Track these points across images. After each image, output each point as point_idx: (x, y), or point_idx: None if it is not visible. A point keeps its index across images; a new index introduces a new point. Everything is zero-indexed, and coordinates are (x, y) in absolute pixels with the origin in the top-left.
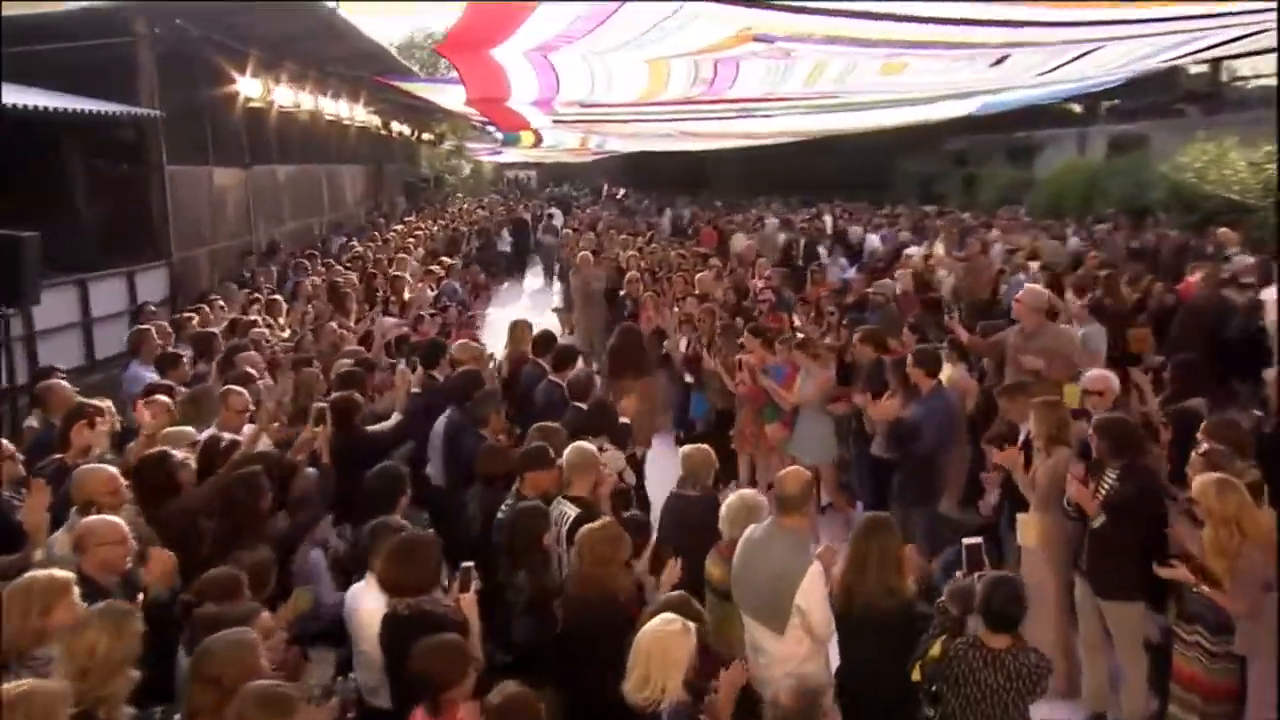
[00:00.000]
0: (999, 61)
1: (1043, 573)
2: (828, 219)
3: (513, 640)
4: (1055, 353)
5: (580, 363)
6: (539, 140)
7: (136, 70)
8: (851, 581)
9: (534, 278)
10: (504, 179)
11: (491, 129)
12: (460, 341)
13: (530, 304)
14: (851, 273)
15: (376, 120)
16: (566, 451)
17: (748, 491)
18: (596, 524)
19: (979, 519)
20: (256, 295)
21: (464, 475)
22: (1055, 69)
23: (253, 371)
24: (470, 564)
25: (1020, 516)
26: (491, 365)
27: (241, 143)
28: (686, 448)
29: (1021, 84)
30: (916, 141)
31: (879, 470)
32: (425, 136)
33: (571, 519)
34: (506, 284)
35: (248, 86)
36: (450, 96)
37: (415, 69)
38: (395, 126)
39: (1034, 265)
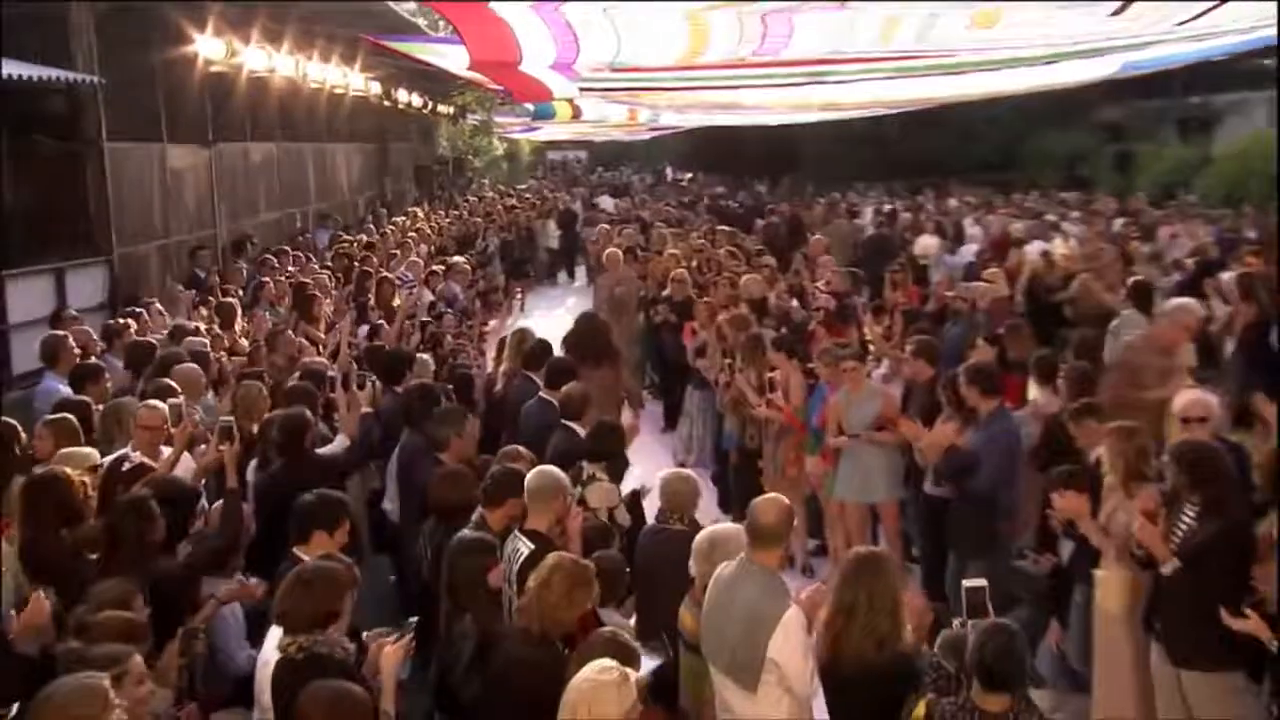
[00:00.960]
0: (1120, 9)
1: (1117, 633)
2: (930, 208)
3: (457, 700)
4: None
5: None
6: (578, 113)
7: (69, 28)
8: (839, 630)
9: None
10: (546, 162)
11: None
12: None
13: (571, 311)
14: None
15: (377, 88)
16: (529, 476)
17: (722, 525)
18: (555, 557)
19: (1050, 572)
20: (207, 298)
21: (421, 509)
22: (1199, 16)
23: (174, 385)
24: (414, 619)
25: (1098, 574)
26: (479, 380)
27: (204, 115)
28: (667, 473)
29: (1154, 37)
30: (1057, 111)
31: (936, 513)
32: (443, 109)
33: (524, 557)
34: (553, 287)
35: (208, 47)
36: (453, 60)
37: (421, 24)
38: (402, 97)
39: (1189, 263)
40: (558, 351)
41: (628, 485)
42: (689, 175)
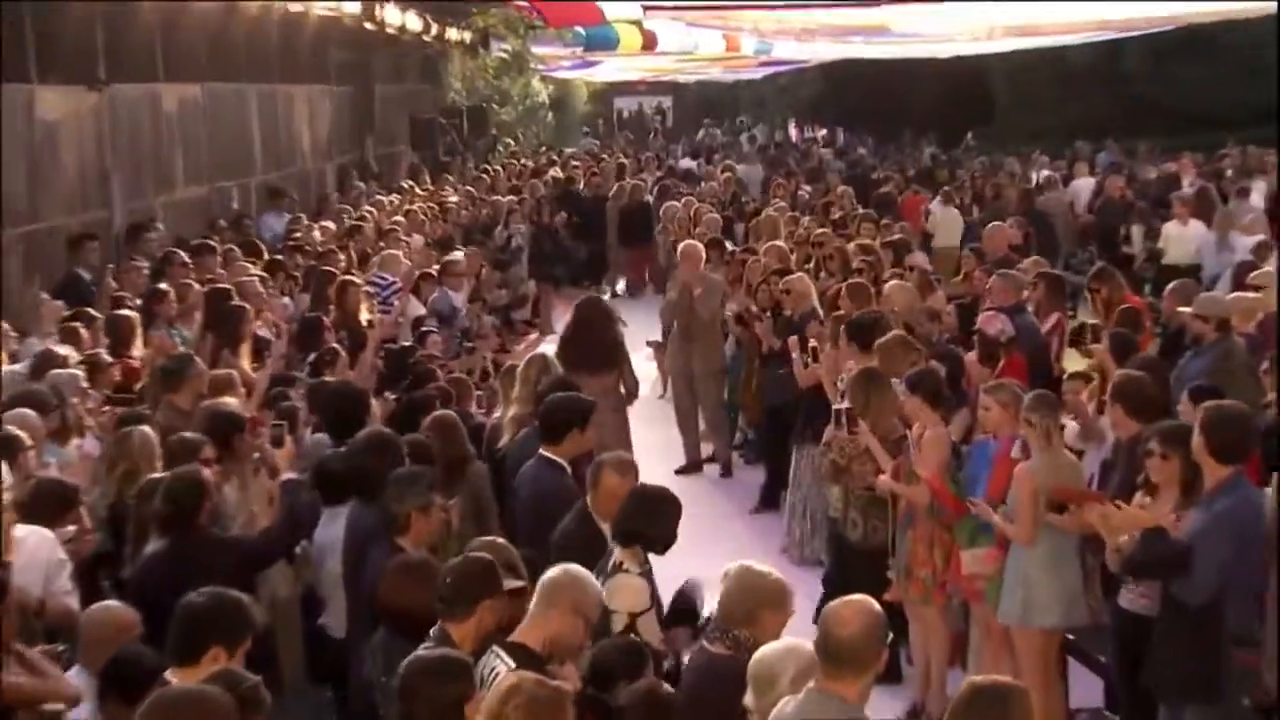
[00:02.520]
0: None
1: None
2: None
3: None
4: None
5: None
6: (651, 42)
7: None
8: None
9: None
10: (612, 113)
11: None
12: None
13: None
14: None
15: (355, 7)
16: (552, 573)
17: (785, 643)
18: (514, 678)
19: None
20: (80, 311)
21: (372, 617)
22: None
23: (21, 437)
24: None
25: None
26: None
27: (92, 45)
28: (731, 567)
29: None
30: None
31: (1133, 637)
32: (454, 36)
33: (502, 682)
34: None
35: None
36: None
37: None
38: (393, 18)
39: None
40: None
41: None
42: (823, 132)
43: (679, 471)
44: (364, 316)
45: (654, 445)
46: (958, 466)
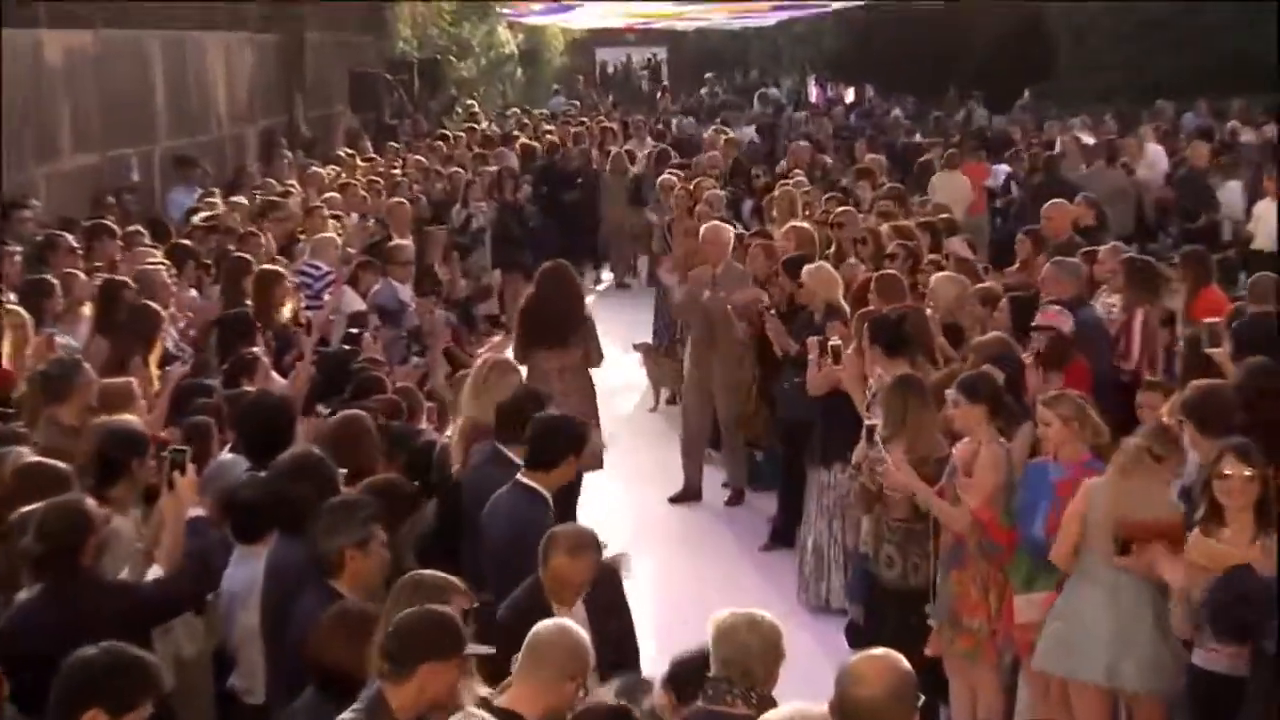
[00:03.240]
0: None
1: None
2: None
3: None
4: None
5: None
6: None
7: None
8: None
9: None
10: (594, 66)
11: None
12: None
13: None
14: None
15: None
16: (540, 630)
17: (792, 707)
18: None
19: None
20: None
21: (297, 675)
22: None
23: None
24: None
25: None
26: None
27: None
28: (725, 617)
29: None
30: None
31: (1217, 695)
32: None
33: None
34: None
35: None
36: None
37: None
38: None
39: None
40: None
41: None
42: (851, 92)
43: (675, 500)
44: (288, 311)
45: (643, 468)
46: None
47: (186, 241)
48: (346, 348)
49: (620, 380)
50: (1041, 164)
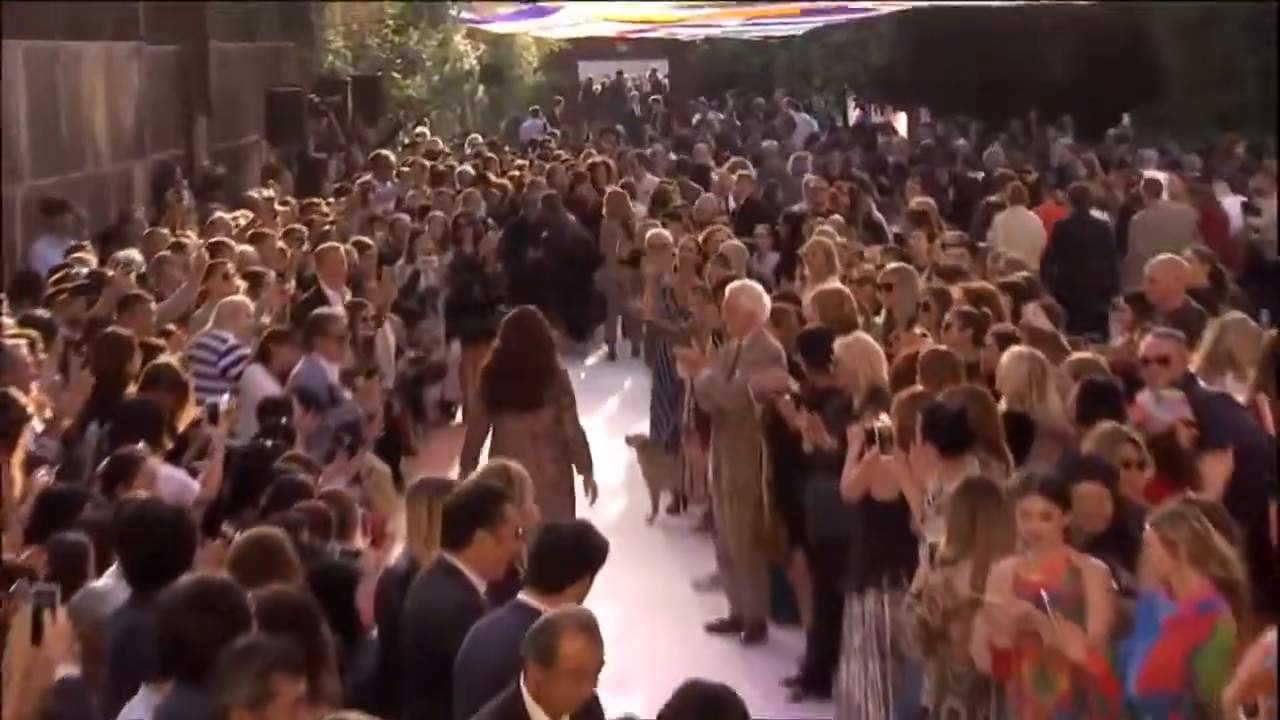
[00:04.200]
0: None
1: None
2: None
3: None
4: None
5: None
6: None
7: None
8: None
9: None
10: (577, 86)
11: None
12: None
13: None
14: None
15: None
16: None
17: None
18: None
19: None
20: None
21: None
22: None
23: None
24: None
25: None
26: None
27: None
28: None
29: None
30: None
31: None
32: None
33: None
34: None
35: None
36: None
37: None
38: None
39: None
40: None
41: None
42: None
43: (714, 629)
44: (190, 412)
45: (639, 595)
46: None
47: (43, 312)
48: (267, 443)
49: (608, 481)
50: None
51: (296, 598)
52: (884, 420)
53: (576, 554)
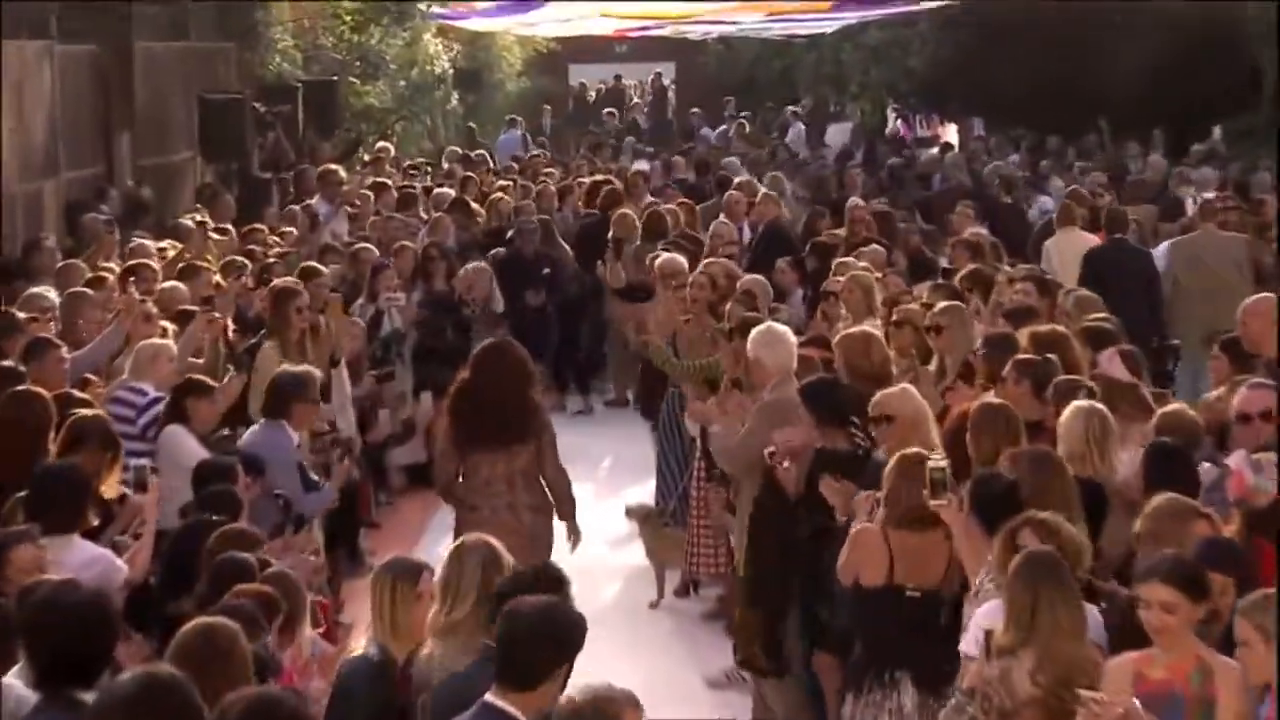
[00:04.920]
0: None
1: None
2: None
3: None
4: None
5: None
6: None
7: None
8: None
9: None
10: (571, 92)
11: None
12: None
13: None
14: None
15: None
16: None
17: None
18: None
19: None
20: None
21: None
22: None
23: None
24: None
25: None
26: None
27: None
28: None
29: None
30: None
31: None
32: None
33: None
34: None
35: None
36: None
37: None
38: None
39: None
40: None
41: None
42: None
43: None
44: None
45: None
46: None
47: None
48: (201, 518)
49: (605, 562)
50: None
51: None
52: (939, 459)
53: (549, 641)
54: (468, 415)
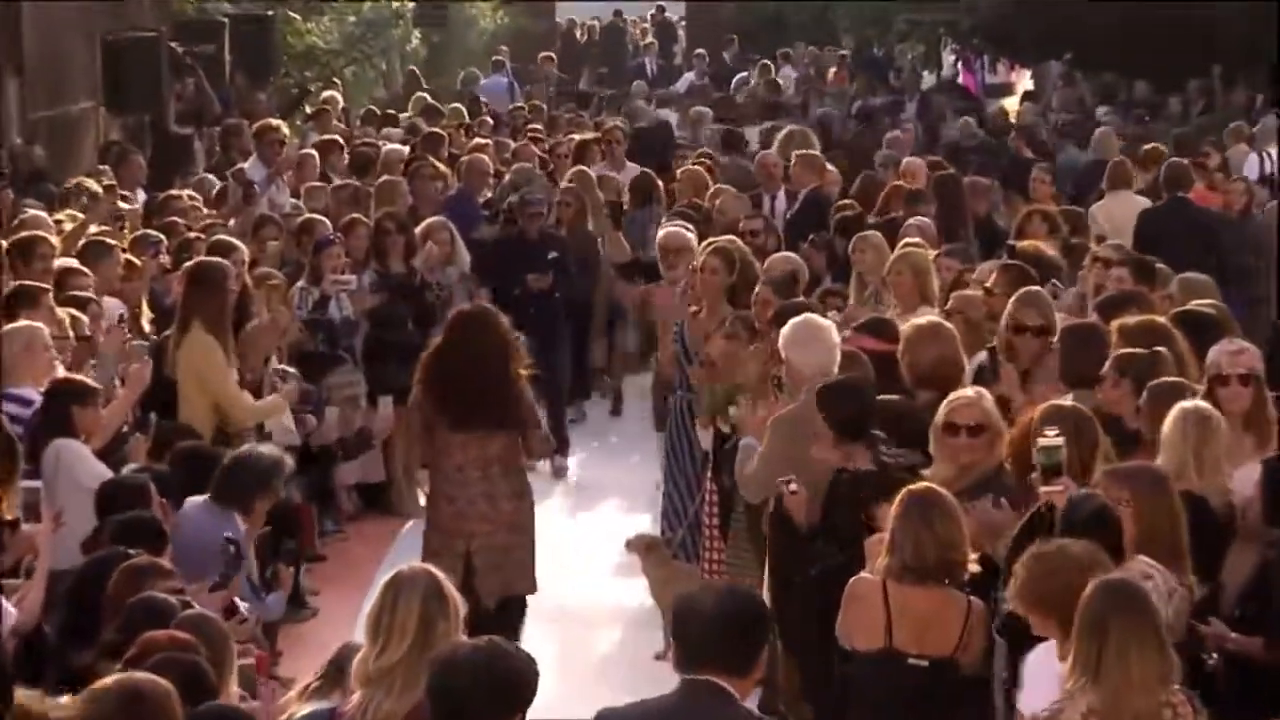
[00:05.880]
0: None
1: None
2: None
3: None
4: None
5: None
6: None
7: None
8: None
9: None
10: (559, 31)
11: None
12: None
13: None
14: None
15: None
16: None
17: None
18: None
19: None
20: None
21: None
22: None
23: None
24: None
25: None
26: None
27: None
28: None
29: None
30: None
31: None
32: None
33: None
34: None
35: None
36: None
37: None
38: None
39: None
40: None
41: None
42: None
43: None
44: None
45: None
46: None
47: None
48: (109, 552)
49: (603, 600)
50: None
51: None
52: (1053, 435)
53: (493, 696)
54: (439, 391)
